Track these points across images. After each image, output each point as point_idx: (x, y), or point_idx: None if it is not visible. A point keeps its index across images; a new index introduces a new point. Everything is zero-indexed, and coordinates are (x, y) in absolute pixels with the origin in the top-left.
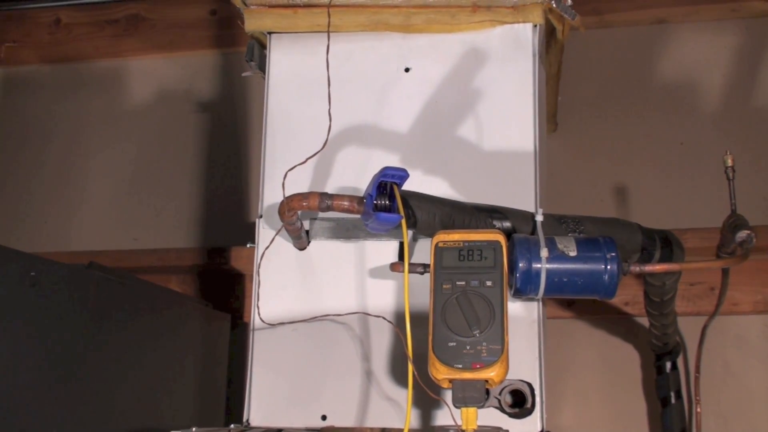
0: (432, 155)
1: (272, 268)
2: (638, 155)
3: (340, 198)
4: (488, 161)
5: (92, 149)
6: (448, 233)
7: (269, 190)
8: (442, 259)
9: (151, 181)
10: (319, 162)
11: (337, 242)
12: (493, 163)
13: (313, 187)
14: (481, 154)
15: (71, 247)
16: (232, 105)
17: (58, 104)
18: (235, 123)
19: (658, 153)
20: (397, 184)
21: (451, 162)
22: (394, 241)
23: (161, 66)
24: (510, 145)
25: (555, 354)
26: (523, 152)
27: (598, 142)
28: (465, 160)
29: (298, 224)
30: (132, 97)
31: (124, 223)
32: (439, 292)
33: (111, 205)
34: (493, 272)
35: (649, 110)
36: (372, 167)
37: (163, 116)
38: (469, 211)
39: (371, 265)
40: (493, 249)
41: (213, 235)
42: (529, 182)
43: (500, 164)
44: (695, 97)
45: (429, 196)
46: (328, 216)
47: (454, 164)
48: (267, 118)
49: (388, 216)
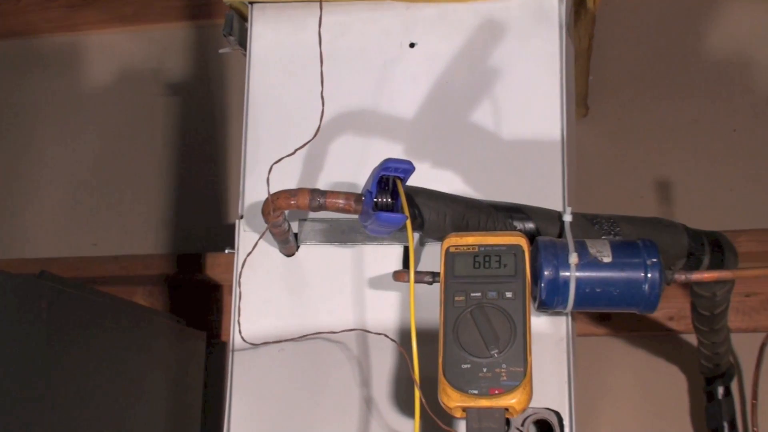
0: (442, 145)
1: (255, 277)
2: (684, 144)
3: (335, 195)
4: (507, 152)
5: (45, 140)
6: (461, 236)
7: (251, 187)
8: (453, 266)
9: (113, 176)
10: (310, 153)
11: (330, 247)
12: (512, 154)
13: (302, 182)
14: (499, 143)
15: (21, 254)
16: (207, 87)
17: (2, 87)
18: (212, 108)
19: (707, 141)
20: (401, 178)
21: (464, 153)
22: (398, 245)
23: (124, 42)
24: (533, 132)
25: (587, 377)
26: (548, 141)
27: (637, 128)
28: (480, 150)
29: (285, 226)
30: (90, 78)
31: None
32: (451, 305)
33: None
34: (513, 282)
35: (696, 92)
36: (372, 159)
37: (127, 101)
38: (485, 210)
39: (371, 274)
40: (514, 254)
41: (185, 239)
42: (556, 176)
43: (521, 155)
44: (750, 77)
45: (438, 193)
46: (321, 216)
47: (468, 155)
48: (248, 102)
49: (391, 216)
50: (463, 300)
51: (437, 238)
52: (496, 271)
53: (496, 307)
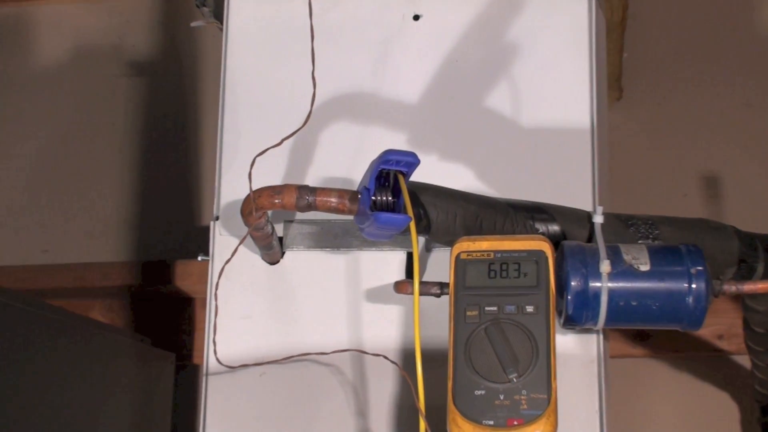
0: (451, 134)
1: (233, 289)
2: (734, 134)
3: (326, 193)
4: (528, 142)
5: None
6: (474, 240)
7: (229, 183)
8: (465, 275)
9: (67, 170)
10: (298, 144)
11: (321, 253)
12: (534, 145)
13: (289, 178)
14: (518, 132)
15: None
16: (177, 67)
17: None
18: (182, 91)
19: (762, 129)
20: (404, 173)
21: (478, 144)
22: (400, 251)
23: (80, 13)
24: (557, 120)
25: (622, 406)
26: (575, 130)
27: (679, 114)
28: (496, 140)
29: (268, 229)
30: (40, 57)
31: (30, 229)
32: (462, 321)
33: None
34: (535, 294)
35: (749, 73)
36: (370, 151)
37: (83, 82)
38: (502, 209)
39: (368, 285)
40: (536, 261)
41: (151, 245)
42: (584, 170)
43: (544, 146)
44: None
45: (447, 190)
46: (310, 218)
47: (482, 146)
48: (225, 85)
49: (392, 217)
50: (477, 315)
51: (446, 242)
52: (514, 281)
53: (514, 323)
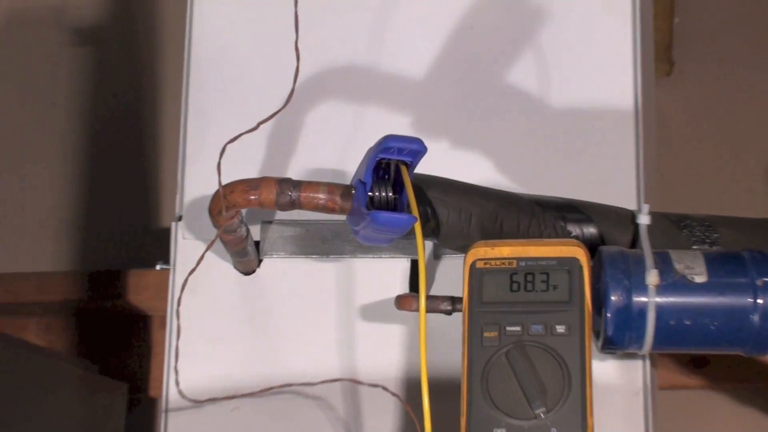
0: (465, 116)
1: (199, 305)
2: None
3: (313, 187)
4: (558, 126)
5: None
6: (493, 246)
7: (194, 176)
8: (482, 288)
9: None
10: (278, 129)
11: (307, 261)
12: (565, 129)
13: (267, 169)
14: (547, 114)
15: None
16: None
17: None
18: (137, 65)
19: None
20: (408, 164)
21: (497, 128)
22: (402, 259)
23: None
24: (595, 99)
25: None
26: (615, 111)
27: (741, 94)
28: (520, 124)
29: (242, 231)
30: None
31: None
32: (478, 344)
33: None
34: (567, 310)
35: None
36: (366, 137)
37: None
38: (526, 208)
39: (364, 300)
40: (568, 271)
41: (99, 250)
42: (627, 160)
43: (578, 131)
44: None
45: (460, 184)
46: (293, 218)
47: (502, 131)
48: (190, 57)
49: (393, 217)
50: (496, 337)
51: (458, 248)
52: (542, 295)
53: (542, 346)
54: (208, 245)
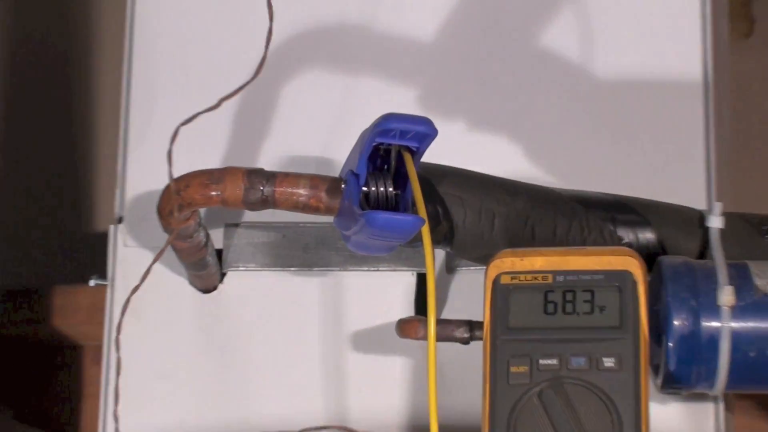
0: (486, 89)
1: (146, 332)
2: None
3: (291, 181)
4: (604, 103)
5: None
6: (522, 255)
7: (138, 166)
8: (509, 310)
9: None
10: (247, 106)
11: (282, 275)
12: (614, 107)
13: (233, 158)
14: (591, 87)
15: None
16: None
17: None
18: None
19: None
20: (413, 151)
21: (527, 104)
22: (406, 272)
23: None
24: (652, 66)
25: None
26: (679, 83)
27: None
28: (556, 99)
29: (200, 237)
30: None
31: None
32: (504, 381)
33: None
34: (617, 338)
35: None
36: (358, 116)
37: None
38: (565, 207)
39: (356, 325)
40: (618, 289)
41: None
42: (694, 146)
43: (631, 108)
44: None
45: (481, 177)
46: (265, 219)
47: (533, 109)
48: (134, 14)
49: (394, 219)
50: (527, 372)
51: (477, 258)
52: (585, 319)
53: (585, 384)
54: (156, 255)
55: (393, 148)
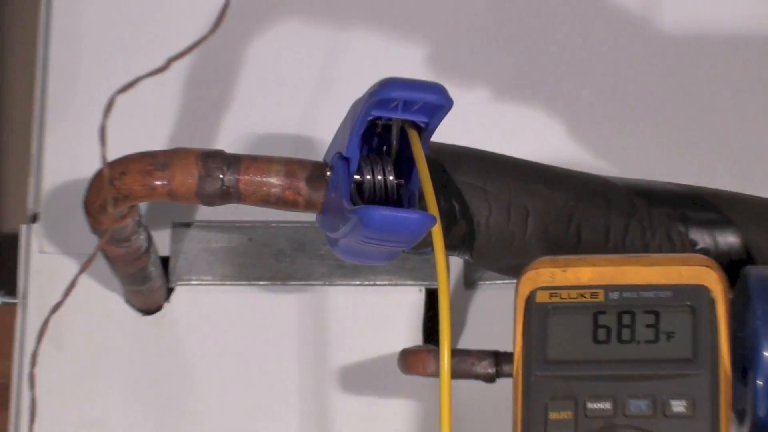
0: (515, 48)
1: (69, 364)
2: None
3: (261, 166)
4: (669, 65)
5: None
6: (565, 265)
7: (58, 150)
8: (547, 338)
9: None
10: (203, 70)
11: (249, 291)
12: (682, 70)
13: (185, 137)
14: (652, 44)
15: None
16: None
17: None
18: None
19: None
20: (421, 127)
21: (568, 68)
22: (412, 287)
23: None
24: (729, 19)
25: None
26: (764, 38)
27: None
28: (606, 61)
29: (140, 241)
30: None
31: None
32: (540, 429)
33: None
34: (689, 375)
35: None
36: (348, 82)
37: None
38: (621, 201)
39: (345, 358)
40: (690, 309)
41: None
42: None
43: (702, 72)
44: None
45: (510, 162)
46: (226, 217)
47: (577, 74)
48: None
49: (395, 216)
50: (571, 420)
51: (505, 268)
52: (648, 349)
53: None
54: (83, 265)
55: (394, 123)
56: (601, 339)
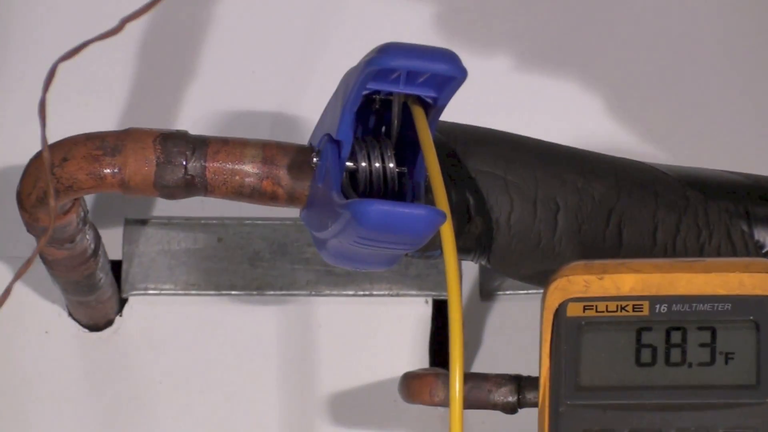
0: (543, 8)
1: (0, 390)
2: None
3: (232, 150)
4: (733, 28)
5: None
6: (602, 271)
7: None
8: (580, 359)
9: None
10: (162, 35)
11: (218, 302)
12: (751, 36)
13: (142, 116)
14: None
15: None
16: None
17: None
18: None
19: None
20: (428, 103)
21: (610, 32)
22: (416, 298)
23: None
24: None
25: None
26: None
27: None
28: (657, 27)
29: (85, 242)
30: None
31: None
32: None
33: None
34: (753, 405)
35: None
36: (338, 52)
37: None
38: (670, 193)
39: (334, 382)
40: (754, 325)
41: None
42: None
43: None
44: None
45: (535, 146)
46: (190, 213)
47: (621, 39)
48: None
49: (397, 212)
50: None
51: (529, 275)
52: (703, 374)
53: None
54: (18, 270)
55: (395, 99)
56: (646, 361)
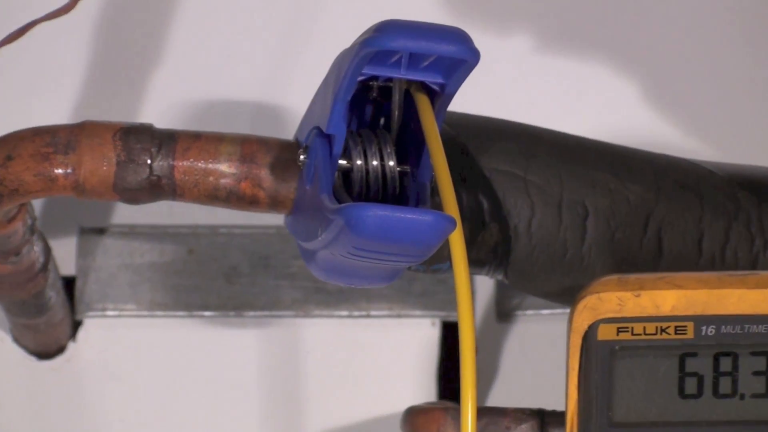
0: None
1: None
2: None
3: (205, 146)
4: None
5: None
6: (638, 287)
7: None
8: (612, 390)
9: None
10: (125, 12)
11: (186, 324)
12: None
13: (99, 107)
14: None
15: None
16: None
17: None
18: None
19: None
20: (435, 91)
21: (649, 13)
22: (421, 319)
23: None
24: None
25: None
26: None
27: None
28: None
29: (33, 254)
30: None
31: None
32: None
33: None
34: None
35: None
36: (328, 31)
37: None
38: (718, 196)
39: (329, 419)
40: None
41: None
42: None
43: None
44: None
45: (561, 141)
46: (154, 220)
47: (659, 19)
48: None
49: (398, 218)
50: None
51: (553, 292)
52: (755, 406)
53: None
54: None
55: (396, 86)
56: (690, 392)
